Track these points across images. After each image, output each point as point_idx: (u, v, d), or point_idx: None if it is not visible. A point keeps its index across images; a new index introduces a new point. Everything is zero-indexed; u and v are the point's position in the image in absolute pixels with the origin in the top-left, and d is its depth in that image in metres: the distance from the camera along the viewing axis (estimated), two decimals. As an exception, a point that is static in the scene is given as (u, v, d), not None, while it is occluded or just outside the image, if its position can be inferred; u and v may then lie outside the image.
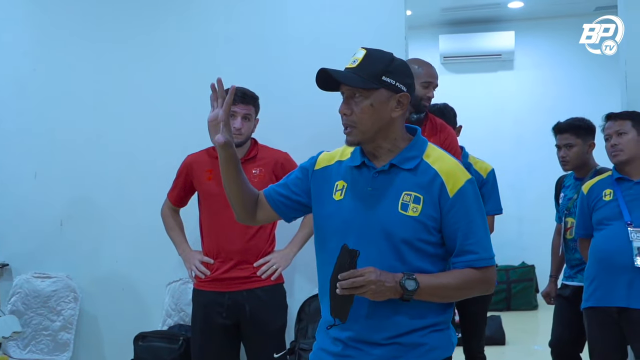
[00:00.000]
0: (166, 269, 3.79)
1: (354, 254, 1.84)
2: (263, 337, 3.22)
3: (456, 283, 1.93)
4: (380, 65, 1.92)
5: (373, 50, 1.95)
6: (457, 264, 1.95)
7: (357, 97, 1.92)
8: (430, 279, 1.90)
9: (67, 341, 3.84)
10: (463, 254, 1.93)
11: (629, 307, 3.05)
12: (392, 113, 1.94)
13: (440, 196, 1.92)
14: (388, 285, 1.84)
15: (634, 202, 3.13)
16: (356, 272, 1.82)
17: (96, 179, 3.95)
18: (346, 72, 1.93)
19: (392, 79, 1.92)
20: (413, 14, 6.63)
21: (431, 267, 1.94)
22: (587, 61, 7.25)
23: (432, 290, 1.90)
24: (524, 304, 6.89)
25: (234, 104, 3.13)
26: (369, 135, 1.95)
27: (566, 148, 3.63)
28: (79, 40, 4.02)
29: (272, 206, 2.14)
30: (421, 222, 1.91)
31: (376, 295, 1.84)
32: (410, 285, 1.85)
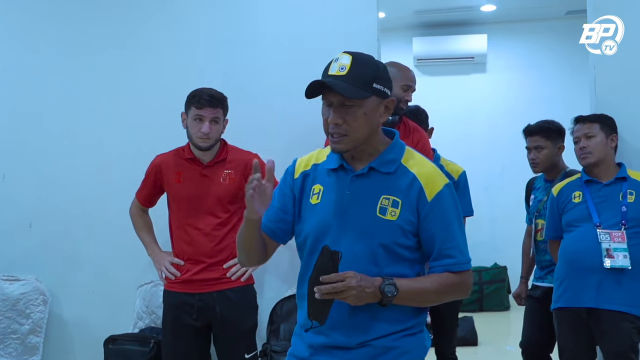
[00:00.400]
0: (137, 271, 3.76)
1: (335, 256, 1.81)
2: (234, 338, 3.21)
3: (434, 287, 1.93)
4: (369, 72, 1.88)
5: (358, 55, 1.90)
6: (435, 268, 1.94)
7: (350, 106, 1.87)
8: (409, 284, 1.89)
9: (36, 345, 3.78)
10: (441, 258, 1.93)
11: (597, 308, 3.09)
12: (380, 119, 1.94)
13: (419, 200, 1.91)
14: (367, 291, 1.82)
15: (603, 204, 3.17)
16: (337, 276, 1.79)
17: (65, 180, 3.91)
18: (339, 82, 1.85)
19: (382, 85, 1.90)
20: (386, 16, 6.66)
21: (405, 272, 1.93)
22: (559, 64, 7.39)
23: (411, 295, 1.89)
24: (496, 304, 6.94)
25: (200, 107, 3.11)
26: (360, 143, 1.92)
27: (536, 150, 3.67)
28: (49, 41, 3.98)
29: (274, 238, 2.07)
30: (399, 226, 1.90)
31: (355, 300, 1.82)
32: (390, 291, 1.84)
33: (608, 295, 3.06)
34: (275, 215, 2.06)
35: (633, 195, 3.14)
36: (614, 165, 3.25)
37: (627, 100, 3.41)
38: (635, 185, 3.16)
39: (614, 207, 3.14)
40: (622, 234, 3.07)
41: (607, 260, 3.05)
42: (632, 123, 3.36)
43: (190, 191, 3.21)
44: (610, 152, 3.23)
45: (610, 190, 3.18)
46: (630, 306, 3.06)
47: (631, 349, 3.06)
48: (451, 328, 3.79)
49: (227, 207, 3.21)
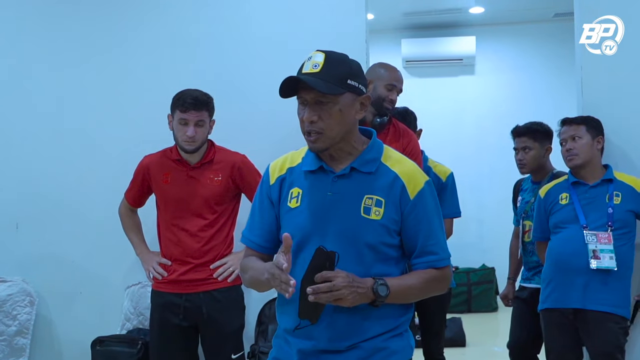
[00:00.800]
0: (125, 273, 3.76)
1: (332, 256, 1.80)
2: (221, 338, 3.22)
3: (420, 284, 1.94)
4: (343, 68, 1.89)
5: (331, 53, 1.91)
6: (417, 265, 1.96)
7: (325, 103, 1.88)
8: (399, 282, 1.90)
9: (23, 346, 3.76)
10: (424, 254, 1.95)
11: (584, 309, 3.11)
12: (356, 116, 1.94)
13: (401, 198, 1.92)
14: (360, 292, 1.81)
15: (589, 205, 3.19)
16: (328, 274, 1.77)
17: (52, 181, 3.89)
18: (313, 79, 1.85)
19: (356, 82, 1.90)
20: (375, 18, 6.67)
21: (390, 271, 1.93)
22: (547, 66, 7.43)
23: (399, 293, 1.90)
24: (484, 305, 6.96)
25: (185, 110, 3.10)
26: (336, 141, 1.92)
27: (523, 151, 3.68)
28: (32, 39, 3.96)
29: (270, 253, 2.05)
30: (384, 226, 1.90)
31: (348, 302, 1.80)
32: (382, 291, 1.84)
33: (594, 296, 3.08)
34: (266, 234, 2.05)
35: (619, 197, 3.16)
36: (601, 167, 3.27)
37: (614, 102, 3.44)
38: (622, 186, 3.18)
39: (601, 208, 3.16)
40: (608, 235, 3.09)
41: (594, 261, 3.07)
42: (618, 125, 3.39)
43: (178, 192, 3.20)
44: (596, 154, 3.26)
45: (596, 192, 3.21)
46: (616, 307, 3.08)
47: (617, 350, 3.09)
48: (439, 328, 3.80)
49: (214, 208, 3.21)
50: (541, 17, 7.31)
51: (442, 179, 3.84)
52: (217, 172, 3.23)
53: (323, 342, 1.90)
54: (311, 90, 1.86)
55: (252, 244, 2.08)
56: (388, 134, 3.33)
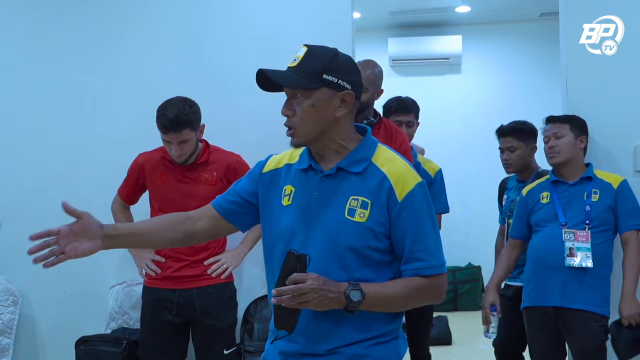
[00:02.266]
0: (110, 272, 3.73)
1: (303, 259, 1.74)
2: (213, 334, 3.23)
3: (403, 292, 1.85)
4: (321, 62, 1.83)
5: (315, 47, 1.87)
6: (405, 272, 1.86)
7: (299, 98, 1.84)
8: (377, 289, 1.81)
9: (6, 346, 3.72)
10: (411, 261, 1.84)
11: (563, 307, 3.12)
12: (335, 112, 1.85)
13: (389, 200, 1.84)
14: (331, 296, 1.74)
15: (569, 203, 3.21)
16: (299, 276, 1.72)
17: (36, 178, 3.86)
18: (285, 72, 1.84)
19: (334, 77, 1.83)
20: (362, 16, 6.67)
21: (375, 276, 1.85)
22: (533, 65, 7.46)
23: (378, 301, 1.81)
24: (470, 304, 6.98)
25: (165, 133, 3.08)
26: (312, 137, 1.86)
27: (509, 151, 3.70)
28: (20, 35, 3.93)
29: (224, 216, 2.03)
30: (368, 229, 1.83)
31: (317, 305, 1.74)
32: (355, 296, 1.75)
33: (572, 295, 3.10)
34: (230, 196, 2.05)
35: (597, 194, 3.18)
36: (582, 166, 3.28)
37: (598, 101, 3.46)
38: (601, 184, 3.20)
39: (579, 206, 3.18)
40: (586, 233, 3.10)
41: (569, 259, 3.08)
42: (602, 124, 3.41)
43: (173, 192, 3.22)
44: (578, 153, 3.27)
45: (575, 190, 3.22)
46: (595, 305, 3.10)
47: (599, 348, 3.10)
48: (425, 327, 3.81)
49: None
50: (527, 17, 7.34)
51: (431, 175, 3.87)
52: (212, 172, 3.25)
53: (302, 345, 1.86)
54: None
55: (215, 202, 2.08)
56: (379, 133, 3.31)
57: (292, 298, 1.72)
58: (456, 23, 7.59)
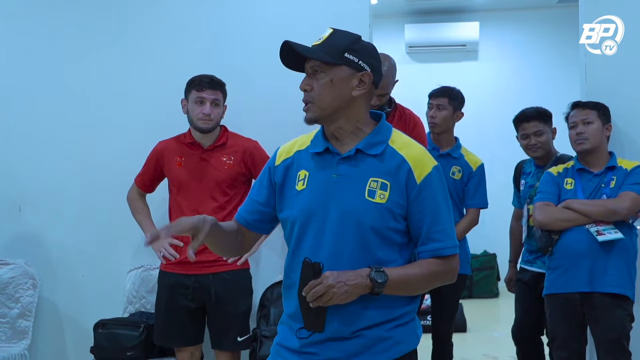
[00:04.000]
0: (127, 256, 3.77)
1: (317, 267, 1.78)
2: (227, 321, 3.25)
3: (422, 274, 1.89)
4: (343, 42, 1.88)
5: (340, 30, 1.92)
6: (422, 253, 1.90)
7: (319, 74, 1.88)
8: (398, 271, 1.85)
9: (25, 329, 3.77)
10: (428, 242, 1.89)
11: (592, 292, 3.09)
12: (352, 91, 1.89)
13: (408, 183, 1.87)
14: (352, 283, 1.78)
15: (592, 194, 3.19)
16: (314, 282, 1.76)
17: (55, 164, 3.90)
18: (304, 46, 1.90)
19: (355, 57, 1.87)
20: (379, 3, 6.63)
21: (398, 256, 1.90)
22: (550, 52, 7.40)
23: (400, 283, 1.84)
24: (485, 291, 6.99)
25: (201, 89, 3.15)
26: (327, 113, 1.89)
27: (536, 135, 3.63)
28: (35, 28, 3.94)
29: (250, 228, 2.06)
30: (388, 209, 1.86)
31: (343, 297, 1.77)
32: (380, 277, 1.79)
33: (601, 278, 3.07)
34: (250, 207, 2.06)
35: (614, 180, 3.16)
36: (607, 155, 3.25)
37: (617, 89, 3.43)
38: (619, 171, 3.18)
39: (599, 197, 3.17)
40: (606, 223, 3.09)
41: (600, 237, 3.05)
42: (623, 111, 3.38)
43: (191, 175, 3.24)
44: (604, 141, 3.24)
45: (598, 180, 3.21)
46: (622, 287, 3.08)
47: (623, 336, 3.09)
48: (451, 313, 3.78)
49: (226, 191, 3.26)
50: (545, 4, 7.28)
51: (473, 168, 3.81)
52: (229, 155, 3.28)
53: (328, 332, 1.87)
54: (310, 60, 1.89)
55: (238, 216, 2.09)
56: (393, 120, 3.32)
57: (316, 302, 1.77)
58: (473, 9, 7.54)
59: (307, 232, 1.91)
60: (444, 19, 7.52)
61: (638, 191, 3.09)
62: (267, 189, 2.03)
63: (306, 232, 1.91)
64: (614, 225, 3.09)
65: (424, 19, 7.57)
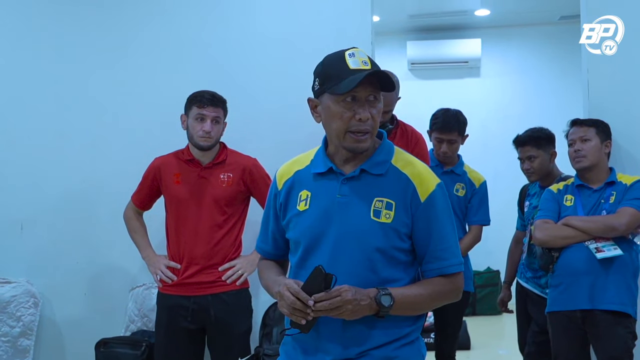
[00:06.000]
0: (129, 274, 3.76)
1: (329, 279, 1.76)
2: (228, 342, 3.21)
3: (428, 294, 1.88)
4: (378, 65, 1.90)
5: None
6: (427, 272, 1.90)
7: (375, 101, 1.87)
8: (404, 292, 1.84)
9: (27, 347, 3.76)
10: (434, 260, 1.88)
11: (593, 309, 3.08)
12: None
13: (412, 201, 1.86)
14: (363, 304, 1.77)
15: (591, 210, 3.18)
16: (332, 292, 1.75)
17: (57, 182, 3.89)
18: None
19: None
20: (381, 20, 6.67)
21: (403, 275, 1.90)
22: (552, 69, 7.40)
23: (406, 304, 1.84)
24: (489, 308, 6.94)
25: (202, 106, 3.13)
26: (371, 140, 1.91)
27: (529, 160, 3.66)
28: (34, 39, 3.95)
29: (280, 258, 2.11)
30: (394, 229, 1.85)
31: (351, 315, 1.78)
32: (386, 301, 1.79)
33: (601, 296, 3.06)
34: (272, 242, 2.09)
35: (613, 195, 3.15)
36: (606, 171, 3.25)
37: (620, 104, 3.43)
38: (618, 186, 3.18)
39: (598, 213, 3.16)
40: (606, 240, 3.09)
41: (599, 254, 3.05)
42: (625, 127, 3.38)
43: (188, 192, 3.21)
44: (603, 157, 3.24)
45: (598, 196, 3.20)
46: (623, 305, 3.06)
47: (626, 354, 3.06)
48: (455, 330, 3.77)
49: (224, 210, 3.21)
50: (547, 20, 7.29)
51: (476, 185, 3.82)
52: (228, 173, 3.24)
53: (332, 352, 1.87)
54: (368, 86, 1.84)
55: (262, 252, 2.13)
56: (395, 137, 3.32)
57: (327, 312, 1.76)
58: (475, 26, 7.56)
59: (311, 253, 1.90)
60: (446, 36, 7.54)
61: (636, 207, 3.08)
62: (277, 219, 2.05)
63: (311, 253, 1.90)
64: (613, 241, 3.07)
65: (426, 36, 7.59)
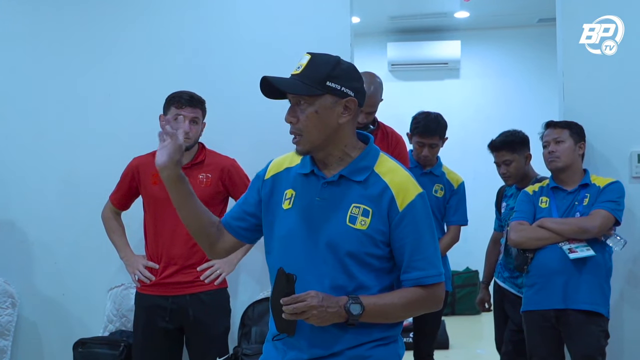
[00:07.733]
0: (108, 274, 3.74)
1: (291, 279, 1.79)
2: (206, 341, 3.21)
3: (402, 303, 1.88)
4: (324, 70, 1.85)
5: (318, 55, 1.89)
6: (405, 281, 1.90)
7: (302, 105, 1.85)
8: (376, 301, 1.85)
9: (4, 348, 3.73)
10: (410, 270, 1.88)
11: (566, 309, 3.13)
12: (339, 119, 1.87)
13: (390, 210, 1.86)
14: (331, 311, 1.79)
15: (565, 211, 3.23)
16: (298, 297, 1.77)
17: (34, 181, 3.87)
18: (289, 79, 1.86)
19: (337, 84, 1.85)
20: (362, 21, 6.69)
21: (375, 282, 1.89)
22: (531, 71, 7.48)
23: (378, 312, 1.85)
24: (467, 308, 6.98)
25: (181, 107, 3.13)
26: (317, 144, 1.88)
27: (505, 165, 3.71)
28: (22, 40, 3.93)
29: (232, 233, 2.07)
30: (369, 236, 1.86)
31: (318, 321, 1.79)
32: (355, 310, 1.80)
33: (574, 295, 3.12)
34: (236, 214, 2.08)
35: (587, 197, 3.21)
36: (580, 173, 3.30)
37: (594, 107, 3.48)
38: (592, 188, 3.23)
39: (572, 214, 3.21)
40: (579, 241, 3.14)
41: (571, 254, 3.11)
42: (598, 129, 3.42)
43: (166, 193, 3.17)
44: (577, 159, 3.29)
45: (572, 198, 3.25)
46: (595, 304, 3.12)
47: (598, 352, 3.12)
48: (433, 329, 3.80)
49: None
50: (525, 22, 7.36)
51: (454, 186, 3.87)
52: (206, 174, 3.23)
53: (307, 351, 1.89)
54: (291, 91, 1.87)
55: (223, 219, 2.11)
56: (376, 139, 3.33)
57: (292, 315, 1.77)
58: (455, 28, 7.61)
59: (289, 253, 1.92)
60: (426, 38, 7.58)
61: (609, 209, 3.13)
62: (254, 199, 2.05)
63: (288, 253, 1.91)
64: (586, 242, 3.12)
65: (406, 37, 7.63)
